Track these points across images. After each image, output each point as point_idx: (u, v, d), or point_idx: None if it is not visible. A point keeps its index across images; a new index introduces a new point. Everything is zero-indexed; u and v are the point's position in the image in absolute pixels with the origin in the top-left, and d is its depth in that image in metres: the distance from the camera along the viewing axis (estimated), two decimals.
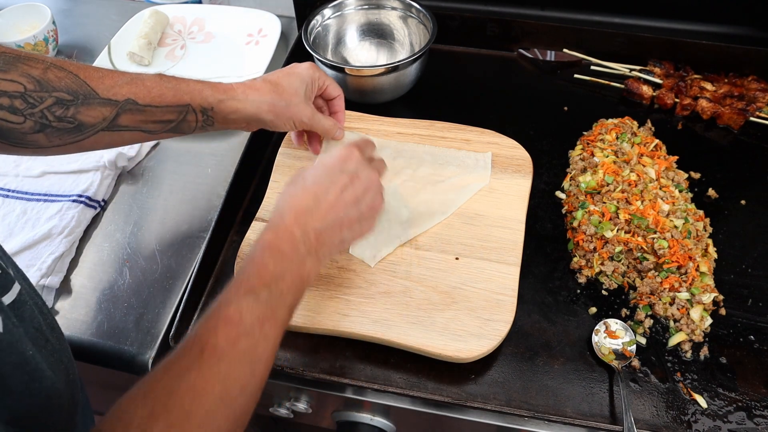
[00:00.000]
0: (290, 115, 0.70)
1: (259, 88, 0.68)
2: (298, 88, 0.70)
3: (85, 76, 0.59)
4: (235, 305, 0.49)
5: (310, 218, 0.57)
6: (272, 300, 0.51)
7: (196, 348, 0.46)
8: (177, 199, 0.86)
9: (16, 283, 0.43)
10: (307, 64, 0.73)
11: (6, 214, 0.82)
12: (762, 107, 0.90)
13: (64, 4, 1.24)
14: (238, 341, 0.47)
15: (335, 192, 0.59)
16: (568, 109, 0.95)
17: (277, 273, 0.53)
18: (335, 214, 0.58)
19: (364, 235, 0.63)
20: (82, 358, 0.72)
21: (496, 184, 0.79)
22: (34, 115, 0.57)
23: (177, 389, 0.43)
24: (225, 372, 0.45)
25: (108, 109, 0.60)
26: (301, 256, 0.55)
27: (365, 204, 0.61)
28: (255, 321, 0.49)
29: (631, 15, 1.02)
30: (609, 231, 0.73)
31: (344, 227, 0.59)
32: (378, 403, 0.70)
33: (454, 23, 1.03)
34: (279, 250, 0.54)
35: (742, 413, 0.63)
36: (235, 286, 0.51)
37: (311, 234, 0.56)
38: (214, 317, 0.48)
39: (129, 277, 0.77)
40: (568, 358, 0.67)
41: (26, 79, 0.56)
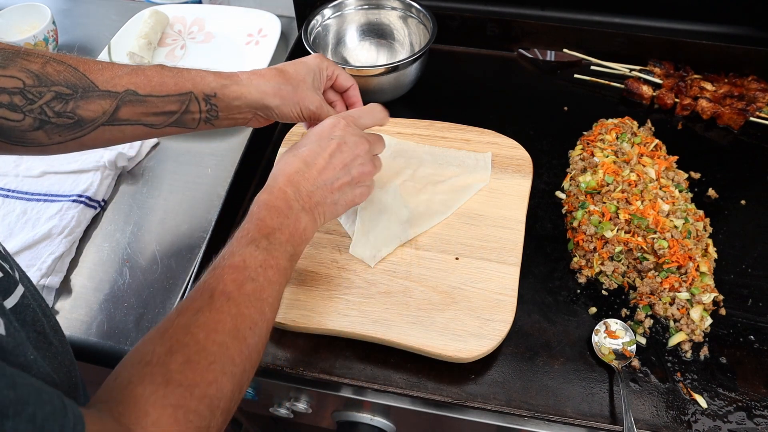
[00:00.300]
0: (297, 100, 0.68)
1: (263, 74, 0.67)
2: (305, 76, 0.69)
3: (84, 69, 0.59)
4: (239, 254, 0.53)
5: (301, 179, 0.60)
6: (272, 248, 0.55)
7: (206, 292, 0.49)
8: (177, 199, 0.86)
9: (20, 285, 0.43)
10: (315, 55, 0.72)
11: (6, 214, 0.82)
12: (762, 107, 0.90)
13: (64, 4, 1.24)
14: (244, 284, 0.51)
15: (324, 157, 0.62)
16: (568, 109, 0.95)
17: (274, 225, 0.56)
18: (325, 176, 0.61)
19: (357, 201, 0.65)
20: (82, 358, 0.72)
21: (496, 184, 0.79)
22: (33, 111, 0.57)
23: (192, 326, 0.47)
24: (235, 311, 0.49)
25: (108, 102, 0.59)
26: (296, 212, 0.58)
27: (355, 169, 0.63)
28: (258, 266, 0.52)
29: (631, 15, 1.02)
30: (609, 231, 0.73)
31: (335, 190, 0.62)
32: (378, 403, 0.70)
33: (454, 23, 1.03)
34: (274, 206, 0.58)
35: (742, 413, 0.63)
36: (236, 240, 0.55)
37: (303, 193, 0.60)
38: (220, 266, 0.52)
39: (129, 277, 0.77)
40: (568, 358, 0.67)
41: (25, 75, 0.56)
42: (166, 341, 0.45)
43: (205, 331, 0.47)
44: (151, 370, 0.43)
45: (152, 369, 0.43)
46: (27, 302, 0.43)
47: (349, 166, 0.63)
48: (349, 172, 0.63)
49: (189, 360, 0.45)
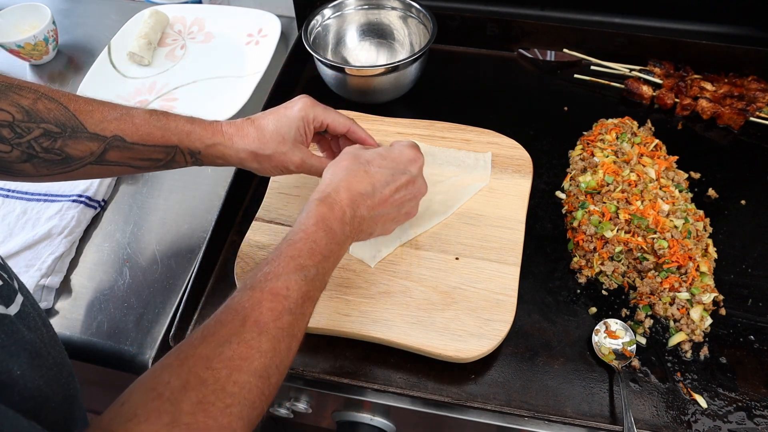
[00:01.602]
0: (275, 164, 0.67)
1: (245, 134, 0.65)
2: (286, 134, 0.65)
3: (74, 109, 0.59)
4: (285, 280, 0.49)
5: (362, 204, 0.59)
6: (317, 279, 0.52)
7: (237, 319, 0.45)
8: (177, 199, 0.86)
9: (19, 294, 0.42)
10: (302, 103, 0.67)
11: (6, 214, 0.82)
12: (762, 107, 0.90)
13: (64, 4, 1.24)
14: (281, 317, 0.47)
15: (392, 189, 0.61)
16: (568, 109, 0.95)
17: (326, 252, 0.54)
18: (382, 209, 0.60)
19: (385, 233, 0.65)
20: (83, 358, 0.72)
21: (496, 184, 0.79)
22: (21, 144, 0.57)
23: (215, 359, 0.43)
24: (266, 346, 0.45)
25: (95, 144, 0.60)
26: (345, 237, 0.57)
27: (405, 209, 0.63)
28: (299, 298, 0.49)
29: (631, 15, 1.02)
30: (609, 231, 0.73)
31: (380, 222, 0.62)
32: (378, 403, 0.70)
33: (454, 23, 1.03)
34: (331, 228, 0.55)
35: (742, 413, 0.63)
36: (285, 259, 0.51)
37: (357, 218, 0.58)
38: (260, 289, 0.48)
39: (129, 277, 0.77)
40: (568, 358, 0.67)
41: (15, 109, 0.56)
42: (183, 373, 0.42)
43: (228, 369, 0.42)
44: (160, 405, 0.40)
45: (161, 405, 0.40)
46: (28, 311, 0.42)
47: (404, 204, 0.63)
48: (400, 210, 0.63)
49: (204, 400, 0.40)
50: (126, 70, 1.04)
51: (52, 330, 0.46)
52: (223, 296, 0.74)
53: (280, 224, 0.76)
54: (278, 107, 0.68)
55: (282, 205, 0.78)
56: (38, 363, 0.41)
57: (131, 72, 1.04)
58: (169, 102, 0.98)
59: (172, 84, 1.02)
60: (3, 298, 0.40)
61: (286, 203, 0.78)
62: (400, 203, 0.62)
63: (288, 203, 0.78)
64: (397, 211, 0.63)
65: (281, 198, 0.79)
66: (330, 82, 0.95)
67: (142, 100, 0.98)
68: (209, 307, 0.73)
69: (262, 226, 0.76)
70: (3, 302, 0.40)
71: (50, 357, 0.43)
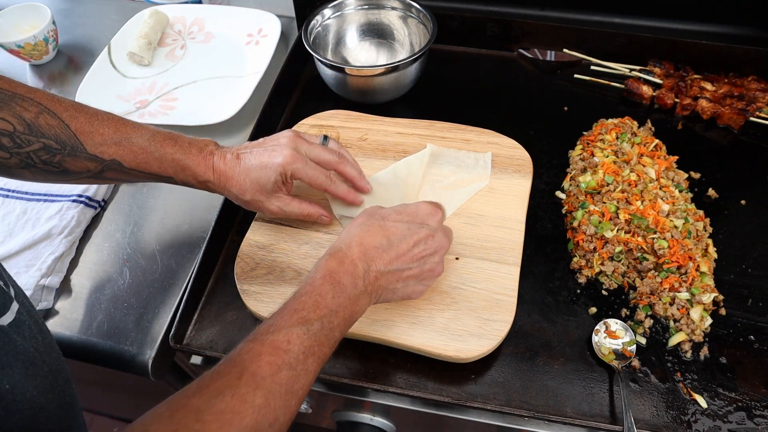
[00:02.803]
0: (255, 208, 0.69)
1: (230, 177, 0.65)
2: (264, 185, 0.65)
3: (75, 128, 0.60)
4: (285, 333, 0.48)
5: (377, 258, 0.57)
6: (322, 334, 0.50)
7: (235, 371, 0.44)
8: (177, 199, 0.86)
9: (15, 302, 0.42)
10: (283, 157, 0.65)
11: (6, 214, 0.82)
12: (762, 107, 0.90)
13: (64, 4, 1.24)
14: (279, 372, 0.46)
15: (409, 243, 0.58)
16: (568, 109, 0.95)
17: (333, 307, 0.52)
18: (401, 263, 0.58)
19: (413, 297, 0.62)
20: (83, 358, 0.72)
21: (496, 184, 0.79)
22: (20, 154, 0.58)
23: (206, 412, 0.41)
24: (260, 402, 0.44)
25: (93, 164, 0.61)
26: (358, 292, 0.54)
27: (428, 265, 0.61)
28: (301, 353, 0.47)
29: (631, 15, 1.02)
30: (609, 231, 0.73)
31: (402, 279, 0.59)
32: (378, 403, 0.70)
33: (454, 23, 1.03)
34: (339, 282, 0.53)
35: (742, 413, 0.63)
36: (288, 313, 0.50)
37: (372, 272, 0.56)
38: (260, 341, 0.47)
39: (129, 277, 0.77)
40: (568, 358, 0.67)
41: (17, 120, 0.57)
42: (173, 425, 0.41)
43: (219, 423, 0.41)
44: None
45: None
46: (23, 319, 0.42)
47: (426, 260, 0.60)
48: (422, 266, 0.60)
49: None
50: (126, 70, 1.04)
51: (48, 336, 0.45)
52: (223, 296, 0.74)
53: (280, 224, 0.76)
54: (263, 150, 0.66)
55: None
56: (32, 372, 0.40)
57: (131, 72, 1.04)
58: (169, 102, 0.98)
59: (172, 84, 1.02)
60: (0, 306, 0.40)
61: None
62: (420, 258, 0.59)
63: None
64: (419, 268, 0.60)
65: None
66: (330, 82, 0.95)
67: (142, 100, 0.98)
68: (209, 307, 0.73)
69: (262, 226, 0.76)
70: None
71: (45, 365, 0.42)
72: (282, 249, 0.73)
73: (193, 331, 0.71)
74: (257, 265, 0.71)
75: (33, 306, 0.45)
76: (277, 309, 0.52)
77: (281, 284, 0.69)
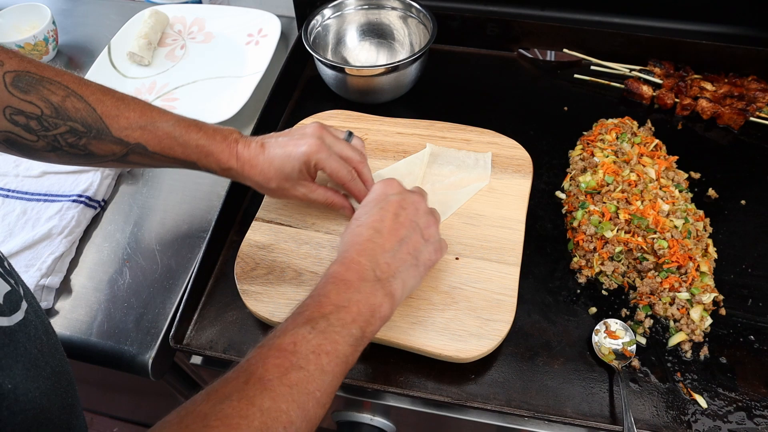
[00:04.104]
0: (280, 195, 0.69)
1: (255, 165, 0.66)
2: (289, 174, 0.66)
3: (101, 112, 0.60)
4: (291, 335, 0.47)
5: (376, 248, 0.56)
6: (331, 331, 0.48)
7: (242, 376, 0.44)
8: (177, 199, 0.86)
9: (23, 301, 0.42)
10: (308, 146, 0.65)
11: (6, 214, 0.82)
12: (762, 107, 0.90)
13: (64, 4, 1.24)
14: (288, 373, 0.44)
15: (390, 217, 0.58)
16: (568, 109, 0.95)
17: (340, 302, 0.50)
18: (398, 237, 0.57)
19: (434, 259, 0.61)
20: (82, 358, 0.72)
21: (496, 184, 0.79)
22: (47, 137, 0.59)
23: (213, 417, 0.41)
24: (269, 404, 0.42)
25: (118, 148, 0.62)
26: (371, 285, 0.53)
27: (422, 221, 0.60)
28: (310, 352, 0.46)
29: (631, 15, 1.02)
30: (609, 231, 0.73)
31: (412, 252, 0.58)
32: (378, 403, 0.70)
33: (454, 23, 1.03)
34: (343, 279, 0.53)
35: (742, 413, 0.63)
36: (292, 317, 0.49)
37: (381, 263, 0.55)
38: (266, 346, 0.46)
39: (129, 277, 0.77)
40: (568, 358, 0.67)
41: (44, 104, 0.58)
42: (181, 430, 0.40)
43: (225, 427, 0.40)
44: None
45: None
46: (30, 318, 0.42)
47: (415, 221, 0.59)
48: (418, 227, 0.59)
49: None
50: (126, 70, 1.04)
51: (54, 338, 0.45)
52: (223, 296, 0.74)
53: (280, 224, 0.76)
54: (288, 140, 0.67)
55: (282, 205, 0.78)
56: (34, 374, 0.40)
57: (131, 72, 1.04)
58: (169, 102, 0.98)
59: (172, 84, 1.02)
60: (11, 304, 0.40)
61: (286, 203, 0.78)
62: (410, 222, 0.59)
63: (288, 203, 0.78)
64: (416, 229, 0.59)
65: None
66: (330, 82, 0.95)
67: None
68: (209, 307, 0.73)
69: (262, 226, 0.76)
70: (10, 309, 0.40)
71: (48, 366, 0.42)
72: (282, 249, 0.73)
73: (193, 331, 0.71)
74: (257, 265, 0.71)
75: (40, 306, 0.45)
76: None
77: (281, 284, 0.69)
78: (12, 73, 0.57)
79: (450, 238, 0.73)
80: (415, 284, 0.58)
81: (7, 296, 0.40)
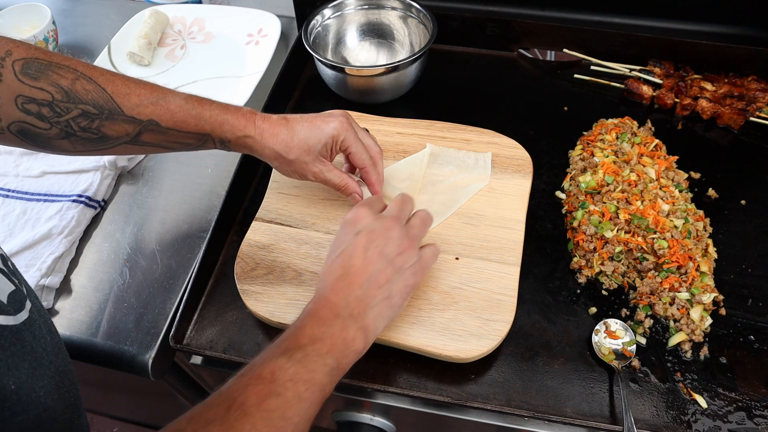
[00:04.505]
0: (295, 169, 0.69)
1: (275, 133, 0.66)
2: (313, 146, 0.66)
3: (112, 91, 0.60)
4: (269, 364, 0.49)
5: (345, 286, 0.56)
6: (307, 361, 0.50)
7: (224, 403, 0.46)
8: (177, 199, 0.86)
9: (27, 300, 0.42)
10: (338, 123, 0.67)
11: (6, 214, 0.82)
12: (762, 107, 0.90)
13: (64, 4, 1.24)
14: (267, 399, 0.46)
15: (359, 255, 0.57)
16: (568, 109, 0.95)
17: (314, 335, 0.52)
18: (368, 273, 0.57)
19: (412, 282, 0.59)
20: (82, 358, 0.72)
21: (496, 184, 0.79)
22: (59, 123, 0.59)
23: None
24: (248, 428, 0.44)
25: (131, 126, 0.62)
26: (343, 320, 0.54)
27: (393, 251, 0.58)
28: (288, 380, 0.48)
29: (631, 15, 1.02)
30: (609, 231, 0.73)
31: (383, 285, 0.57)
32: (378, 403, 0.70)
33: (454, 23, 1.03)
34: (318, 316, 0.54)
35: (742, 413, 0.63)
36: (271, 349, 0.51)
37: (352, 300, 0.56)
38: (247, 375, 0.48)
39: (129, 277, 0.77)
40: (568, 358, 0.67)
41: (54, 89, 0.57)
42: None
43: None
44: None
45: None
46: (34, 318, 0.42)
47: (385, 253, 0.58)
48: (387, 258, 0.58)
49: None
50: (126, 70, 1.04)
51: (57, 337, 0.45)
52: (223, 296, 0.74)
53: (280, 224, 0.76)
54: (315, 116, 0.68)
55: (282, 205, 0.78)
56: (38, 373, 0.40)
57: (131, 72, 1.04)
58: None
59: (172, 84, 1.01)
60: (16, 303, 0.40)
61: (286, 203, 0.78)
62: (379, 255, 0.57)
63: (288, 203, 0.78)
64: (387, 262, 0.58)
65: (281, 198, 0.79)
66: (330, 82, 0.95)
67: None
68: (209, 307, 0.73)
69: (262, 226, 0.76)
70: (15, 308, 0.40)
71: (51, 366, 0.42)
72: (282, 249, 0.73)
73: (193, 331, 0.71)
74: (257, 265, 0.71)
75: (43, 306, 0.46)
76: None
77: (281, 284, 0.69)
78: (21, 60, 0.57)
79: (450, 238, 0.73)
80: (392, 314, 0.58)
81: (11, 296, 0.40)
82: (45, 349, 0.42)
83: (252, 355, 0.54)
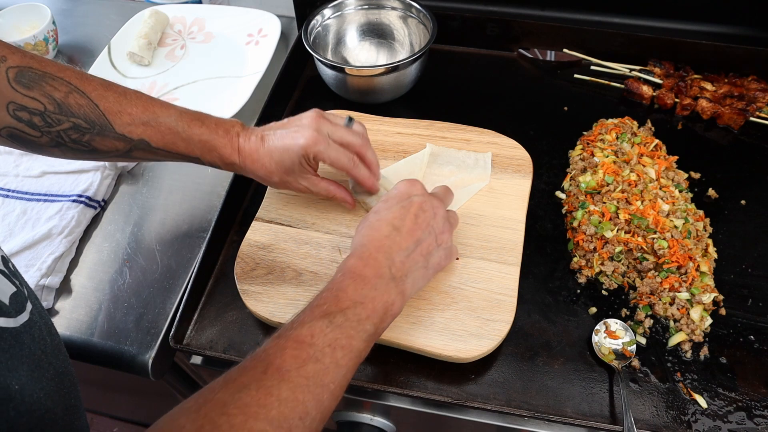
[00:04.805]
0: (284, 188, 0.70)
1: (257, 159, 0.66)
2: (290, 167, 0.66)
3: (104, 108, 0.60)
4: (308, 327, 0.48)
5: (393, 245, 0.57)
6: (348, 326, 0.49)
7: (260, 365, 0.45)
8: (177, 199, 0.86)
9: (28, 302, 0.42)
10: (305, 139, 0.64)
11: (6, 214, 0.82)
12: (762, 107, 0.90)
13: (64, 4, 1.24)
14: (305, 364, 0.45)
15: (410, 218, 0.59)
16: (568, 109, 0.95)
17: (356, 298, 0.51)
18: (414, 238, 0.58)
19: (443, 264, 0.62)
20: (82, 358, 0.72)
21: (496, 184, 0.79)
22: (50, 133, 0.59)
23: (231, 405, 0.42)
24: (287, 394, 0.43)
25: (122, 144, 0.62)
26: (386, 282, 0.54)
27: (438, 227, 0.61)
28: (326, 346, 0.47)
29: (631, 15, 1.02)
30: (609, 231, 0.73)
31: (425, 254, 0.59)
32: (378, 403, 0.70)
33: (454, 23, 1.03)
34: (360, 275, 0.53)
35: (742, 413, 0.63)
36: (310, 309, 0.50)
37: (397, 261, 0.56)
38: (284, 337, 0.47)
39: (129, 277, 0.77)
40: (568, 358, 0.67)
41: (47, 100, 0.58)
42: (199, 419, 0.41)
43: (244, 415, 0.41)
44: None
45: None
46: (35, 320, 0.42)
47: (432, 225, 0.60)
48: (434, 230, 0.60)
49: None
50: (126, 70, 1.04)
51: (57, 338, 0.45)
52: (223, 296, 0.74)
53: (280, 224, 0.76)
54: (286, 132, 0.66)
55: (282, 205, 0.78)
56: (38, 375, 0.40)
57: (131, 72, 1.04)
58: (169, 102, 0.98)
59: (172, 84, 1.02)
60: (17, 305, 0.40)
61: (286, 203, 0.78)
62: (426, 225, 0.60)
63: (288, 203, 0.78)
64: (431, 233, 0.60)
65: (281, 198, 0.79)
66: (330, 82, 0.95)
67: None
68: (209, 307, 0.73)
69: (262, 226, 0.76)
70: (16, 310, 0.40)
71: (51, 367, 0.42)
72: (282, 249, 0.73)
73: (193, 331, 0.71)
74: (257, 265, 0.71)
75: (43, 307, 0.45)
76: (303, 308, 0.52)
77: (281, 284, 0.69)
78: (15, 68, 0.57)
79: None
80: (422, 285, 0.60)
81: (13, 297, 0.40)
82: (44, 351, 0.42)
83: None
